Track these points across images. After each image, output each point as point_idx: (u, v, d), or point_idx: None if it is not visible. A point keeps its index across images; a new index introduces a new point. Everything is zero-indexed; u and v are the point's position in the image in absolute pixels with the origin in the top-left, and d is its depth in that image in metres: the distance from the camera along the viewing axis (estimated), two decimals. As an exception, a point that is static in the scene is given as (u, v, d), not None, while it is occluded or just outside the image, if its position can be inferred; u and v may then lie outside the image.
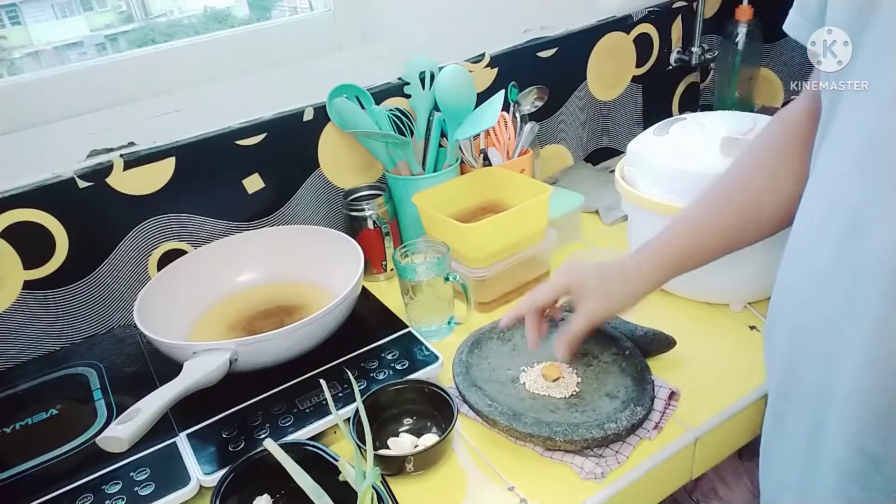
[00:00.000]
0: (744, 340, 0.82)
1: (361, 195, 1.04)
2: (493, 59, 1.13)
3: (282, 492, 0.64)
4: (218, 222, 0.97)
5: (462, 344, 0.80)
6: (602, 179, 1.23)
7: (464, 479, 0.68)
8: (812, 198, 0.54)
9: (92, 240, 0.89)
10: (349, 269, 0.83)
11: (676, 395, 0.73)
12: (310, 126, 1.00)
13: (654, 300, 0.91)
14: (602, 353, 0.79)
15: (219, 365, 0.69)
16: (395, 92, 1.05)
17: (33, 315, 0.88)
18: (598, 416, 0.68)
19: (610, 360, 0.78)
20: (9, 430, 0.76)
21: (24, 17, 1.00)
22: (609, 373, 0.76)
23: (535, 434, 0.66)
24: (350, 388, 0.72)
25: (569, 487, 0.65)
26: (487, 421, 0.70)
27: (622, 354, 0.77)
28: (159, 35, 1.04)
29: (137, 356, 0.86)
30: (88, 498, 0.63)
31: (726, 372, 0.77)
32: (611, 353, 0.78)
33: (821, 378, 0.51)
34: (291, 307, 0.89)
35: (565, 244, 1.04)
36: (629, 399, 0.70)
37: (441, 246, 0.87)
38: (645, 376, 0.73)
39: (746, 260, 0.83)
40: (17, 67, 0.98)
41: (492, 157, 1.06)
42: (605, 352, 0.79)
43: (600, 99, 1.31)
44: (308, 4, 1.05)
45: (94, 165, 0.87)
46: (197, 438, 0.69)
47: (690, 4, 1.33)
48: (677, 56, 1.36)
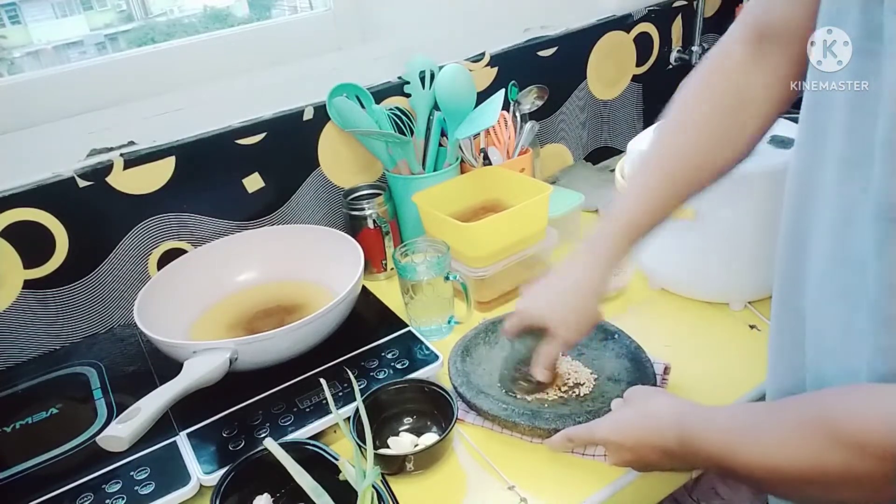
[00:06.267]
0: (744, 340, 0.82)
1: (361, 194, 1.04)
2: (493, 58, 1.13)
3: (282, 491, 0.64)
4: (218, 221, 0.97)
5: (452, 354, 0.79)
6: (602, 179, 1.23)
7: (464, 479, 0.68)
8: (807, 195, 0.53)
9: (92, 239, 0.89)
10: (349, 269, 0.83)
11: (669, 369, 0.76)
12: (310, 125, 1.00)
13: (654, 300, 0.92)
14: (590, 340, 0.80)
15: (219, 364, 0.69)
16: (395, 91, 1.05)
17: (33, 314, 0.88)
18: (611, 400, 0.68)
19: (600, 346, 0.80)
20: (9, 430, 0.76)
21: (24, 16, 1.00)
22: (604, 358, 0.78)
23: (560, 429, 0.66)
24: (350, 387, 0.72)
25: (569, 486, 0.65)
26: (505, 425, 0.70)
27: (611, 338, 0.80)
28: (159, 34, 1.04)
29: (137, 355, 0.86)
30: (88, 497, 0.63)
31: (726, 371, 0.77)
32: (599, 339, 0.80)
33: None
34: (291, 306, 0.89)
35: (565, 243, 1.04)
36: (633, 379, 0.72)
37: (441, 245, 0.87)
38: (640, 355, 0.76)
39: (746, 259, 0.83)
40: (17, 67, 0.98)
41: (492, 157, 1.06)
42: (592, 339, 0.80)
43: (600, 98, 1.31)
44: (308, 4, 1.05)
45: (94, 165, 0.87)
46: (197, 438, 0.69)
47: (691, 3, 1.33)
48: (678, 55, 1.36)
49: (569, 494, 0.64)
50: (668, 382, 0.75)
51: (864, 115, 0.45)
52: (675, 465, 0.57)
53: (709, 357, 0.80)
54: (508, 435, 0.71)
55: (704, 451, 0.52)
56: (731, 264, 0.84)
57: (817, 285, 0.51)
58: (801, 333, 0.54)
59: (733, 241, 0.83)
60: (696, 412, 0.55)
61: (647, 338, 0.78)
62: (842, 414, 0.43)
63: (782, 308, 0.58)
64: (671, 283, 0.92)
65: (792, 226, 0.55)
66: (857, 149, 0.46)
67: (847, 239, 0.47)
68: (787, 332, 0.56)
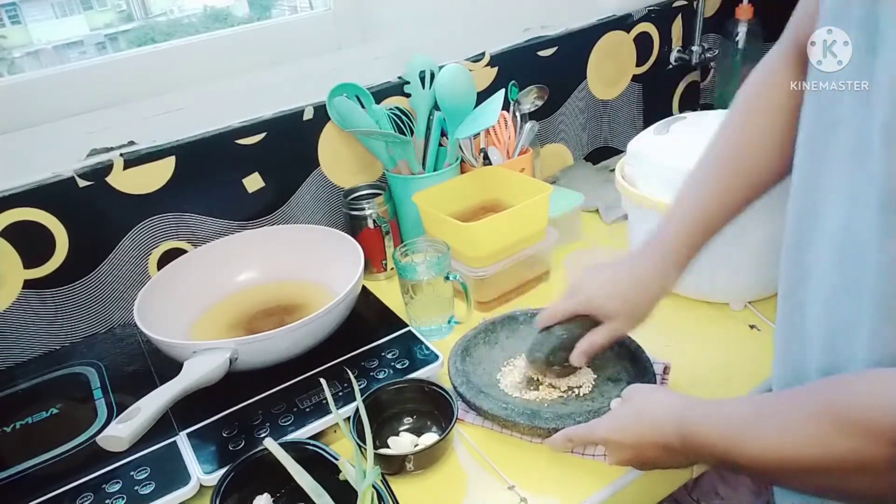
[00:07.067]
0: (744, 340, 0.82)
1: (361, 194, 1.04)
2: (493, 58, 1.13)
3: (282, 491, 0.64)
4: (218, 221, 0.97)
5: (451, 354, 0.79)
6: (602, 178, 1.23)
7: (464, 479, 0.68)
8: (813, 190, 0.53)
9: (92, 239, 0.89)
10: (349, 269, 0.83)
11: (669, 369, 0.76)
12: (310, 125, 1.00)
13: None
14: None
15: (219, 364, 0.69)
16: (395, 91, 1.05)
17: (33, 314, 0.88)
18: (611, 400, 0.68)
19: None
20: (9, 430, 0.76)
21: (24, 16, 1.00)
22: (604, 358, 0.78)
23: (559, 428, 0.66)
24: (350, 387, 0.72)
25: (569, 486, 0.65)
26: (504, 424, 0.70)
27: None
28: (159, 34, 1.04)
29: (137, 355, 0.86)
30: (88, 497, 0.63)
31: (726, 371, 0.77)
32: None
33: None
34: (291, 306, 0.89)
35: (565, 243, 1.04)
36: (633, 379, 0.72)
37: (441, 245, 0.87)
38: (640, 355, 0.75)
39: (747, 259, 0.83)
40: (17, 67, 0.99)
41: (492, 157, 1.06)
42: None
43: (600, 98, 1.31)
44: (308, 3, 1.05)
45: (94, 165, 0.87)
46: (197, 437, 0.69)
47: (691, 3, 1.33)
48: (677, 55, 1.36)
49: (569, 494, 0.64)
50: (667, 382, 0.75)
51: (867, 109, 0.45)
52: (676, 461, 0.57)
53: (709, 357, 0.80)
54: (508, 435, 0.71)
55: (706, 444, 0.52)
56: (731, 264, 0.84)
57: (821, 278, 0.51)
58: (805, 326, 0.54)
59: (733, 241, 0.82)
60: (696, 406, 0.55)
61: (647, 338, 0.78)
62: (848, 400, 0.43)
63: (787, 301, 0.58)
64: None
65: (796, 221, 0.55)
66: (860, 142, 0.46)
67: (851, 232, 0.47)
68: (791, 325, 0.57)
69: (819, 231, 0.52)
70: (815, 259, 0.52)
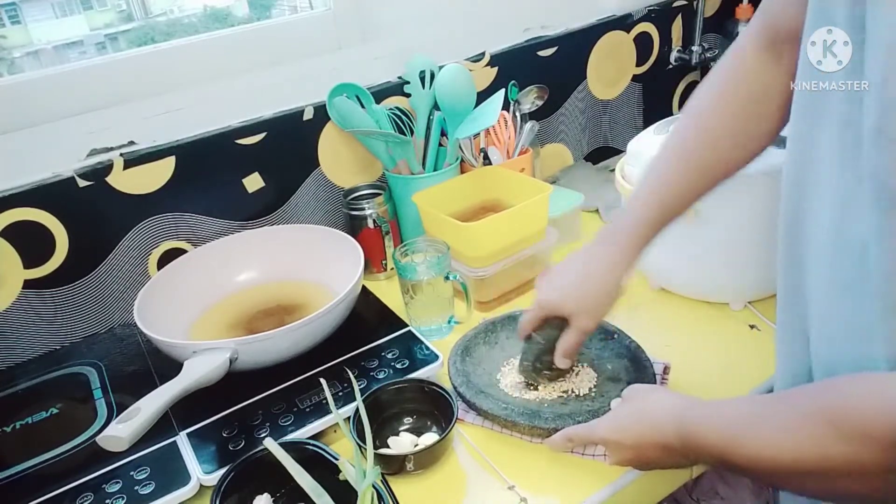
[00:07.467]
0: (744, 340, 0.82)
1: (361, 194, 1.04)
2: (493, 58, 1.13)
3: (282, 491, 0.64)
4: (218, 221, 0.97)
5: (451, 354, 0.79)
6: (602, 178, 1.23)
7: (464, 478, 0.68)
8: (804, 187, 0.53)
9: (92, 239, 0.89)
10: (349, 268, 0.83)
11: (668, 369, 0.76)
12: (310, 125, 1.00)
13: (654, 300, 0.92)
14: (590, 340, 0.80)
15: (219, 364, 0.69)
16: (395, 91, 1.05)
17: (34, 314, 0.88)
18: (611, 400, 0.69)
19: (601, 346, 0.80)
20: (9, 429, 0.76)
21: (24, 16, 1.00)
22: (604, 358, 0.78)
23: (559, 428, 0.66)
24: (350, 387, 0.72)
25: (569, 486, 0.65)
26: (504, 424, 0.70)
27: (611, 338, 0.80)
28: (159, 34, 1.04)
29: (137, 355, 0.86)
30: (88, 497, 0.63)
31: (726, 371, 0.77)
32: (599, 339, 0.80)
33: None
34: (291, 306, 0.89)
35: (565, 243, 1.04)
36: (633, 379, 0.72)
37: (441, 245, 0.87)
38: (639, 355, 0.76)
39: (746, 259, 0.83)
40: (17, 66, 0.99)
41: (492, 156, 1.06)
42: (592, 339, 0.80)
43: (600, 98, 1.31)
44: (308, 3, 1.05)
45: (94, 164, 0.87)
46: (197, 437, 0.69)
47: (691, 3, 1.33)
48: (677, 55, 1.36)
49: (569, 494, 0.64)
50: (667, 382, 0.75)
51: (857, 106, 0.45)
52: (676, 461, 0.57)
53: (709, 357, 0.80)
54: (508, 435, 0.71)
55: (705, 444, 0.52)
56: (731, 264, 0.84)
57: (819, 275, 0.51)
58: (806, 324, 0.54)
59: (733, 241, 0.83)
60: (695, 406, 0.55)
61: (647, 338, 0.78)
62: (845, 404, 0.43)
63: (787, 299, 0.58)
64: (671, 283, 0.91)
65: (790, 220, 0.55)
66: (851, 139, 0.46)
67: (846, 228, 0.47)
68: (792, 324, 0.57)
69: (813, 229, 0.51)
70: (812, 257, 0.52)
